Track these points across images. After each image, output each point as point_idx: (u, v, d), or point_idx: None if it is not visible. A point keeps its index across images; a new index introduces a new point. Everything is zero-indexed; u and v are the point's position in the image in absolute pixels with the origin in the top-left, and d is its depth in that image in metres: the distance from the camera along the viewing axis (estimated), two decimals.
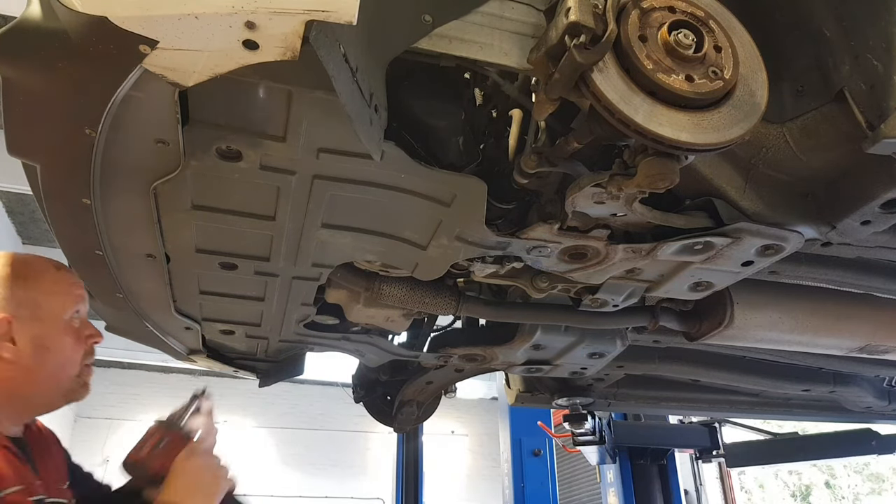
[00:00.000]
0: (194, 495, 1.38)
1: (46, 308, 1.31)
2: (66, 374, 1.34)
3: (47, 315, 1.31)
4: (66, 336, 1.33)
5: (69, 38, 0.93)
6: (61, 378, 1.33)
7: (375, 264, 1.83)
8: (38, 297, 1.30)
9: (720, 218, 1.54)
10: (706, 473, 10.36)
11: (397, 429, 3.11)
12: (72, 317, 1.35)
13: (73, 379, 1.35)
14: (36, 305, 1.29)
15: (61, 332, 1.32)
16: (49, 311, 1.31)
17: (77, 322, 1.36)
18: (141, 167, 1.30)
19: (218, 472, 1.44)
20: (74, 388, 1.36)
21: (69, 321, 1.34)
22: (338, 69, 1.01)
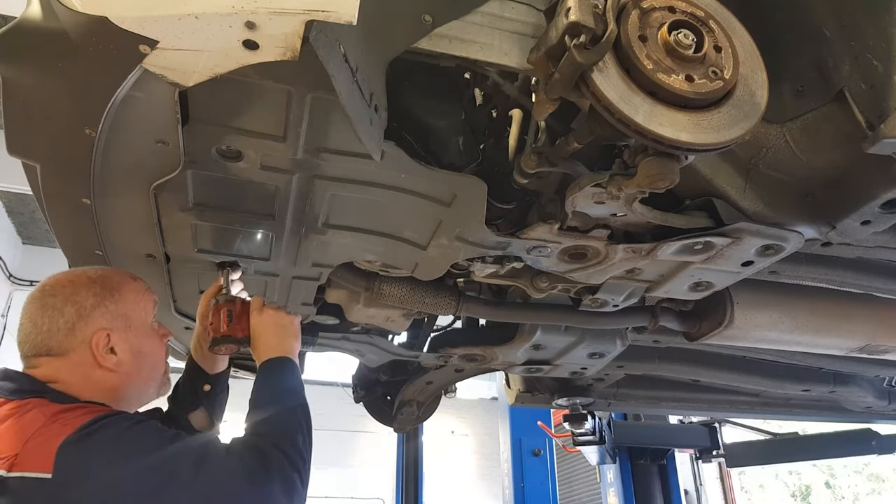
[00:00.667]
0: (283, 336, 1.58)
1: (135, 318, 1.43)
2: (157, 372, 1.49)
3: (137, 324, 1.43)
4: (153, 339, 1.48)
5: (69, 38, 0.93)
6: (154, 377, 1.49)
7: (375, 264, 1.83)
8: (127, 308, 1.42)
9: (720, 218, 1.54)
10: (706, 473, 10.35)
11: (397, 429, 3.11)
12: (153, 321, 1.49)
13: (162, 376, 1.52)
14: (126, 317, 1.41)
15: (150, 337, 1.47)
16: (138, 320, 1.44)
17: (156, 325, 1.51)
18: (141, 167, 1.30)
19: (285, 313, 1.63)
20: (164, 383, 1.53)
21: (152, 325, 1.48)
22: (338, 69, 1.01)
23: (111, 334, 1.36)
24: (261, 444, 1.28)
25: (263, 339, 1.58)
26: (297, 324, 1.64)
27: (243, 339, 1.62)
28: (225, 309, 1.65)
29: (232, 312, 1.64)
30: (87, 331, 1.35)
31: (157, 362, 1.48)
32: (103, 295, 1.39)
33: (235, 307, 1.65)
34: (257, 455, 1.24)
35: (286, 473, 1.25)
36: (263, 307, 1.64)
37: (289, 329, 1.61)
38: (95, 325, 1.35)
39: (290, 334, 1.61)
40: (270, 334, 1.58)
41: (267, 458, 1.24)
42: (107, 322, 1.37)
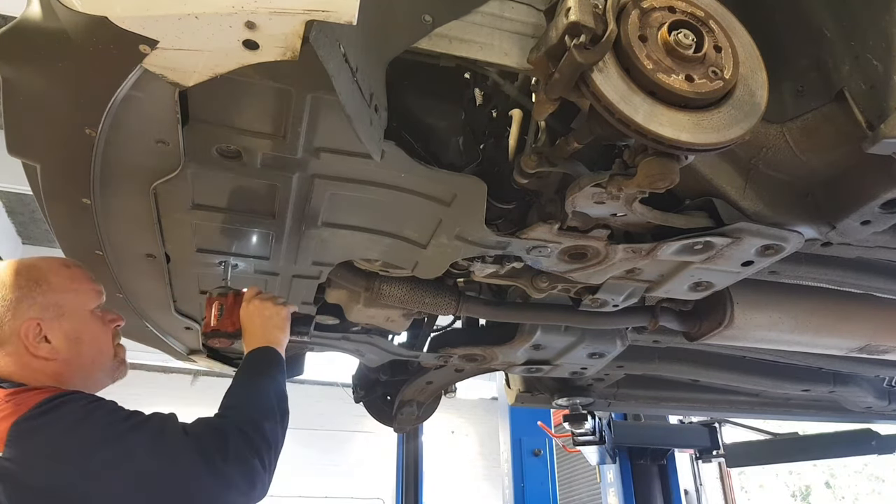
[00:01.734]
0: (267, 327, 1.58)
1: (68, 305, 1.42)
2: (105, 357, 1.48)
3: (71, 311, 1.42)
4: (94, 325, 1.46)
5: (69, 38, 0.93)
6: (101, 362, 1.48)
7: (375, 264, 1.83)
8: (57, 297, 1.41)
9: (720, 218, 1.54)
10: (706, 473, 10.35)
11: (397, 429, 3.11)
12: (94, 309, 1.47)
13: (111, 360, 1.50)
14: (58, 305, 1.41)
15: (89, 323, 1.45)
16: (72, 307, 1.43)
17: (99, 311, 1.49)
18: (141, 167, 1.30)
19: (272, 304, 1.61)
20: (116, 367, 1.52)
21: (92, 312, 1.46)
22: (338, 69, 1.01)
23: (41, 323, 1.37)
24: (222, 425, 1.27)
25: (249, 330, 1.59)
26: (283, 314, 1.62)
27: (234, 333, 1.61)
28: (217, 302, 1.65)
29: (223, 306, 1.64)
30: (16, 323, 1.37)
31: (102, 347, 1.48)
32: (28, 287, 1.40)
33: (227, 300, 1.65)
34: (216, 436, 1.23)
35: (244, 456, 1.23)
36: (253, 298, 1.63)
37: (274, 319, 1.60)
38: (23, 316, 1.37)
39: (276, 325, 1.60)
40: (256, 325, 1.59)
41: (226, 440, 1.23)
42: (35, 312, 1.38)
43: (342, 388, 10.44)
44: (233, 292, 1.67)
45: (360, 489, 12.89)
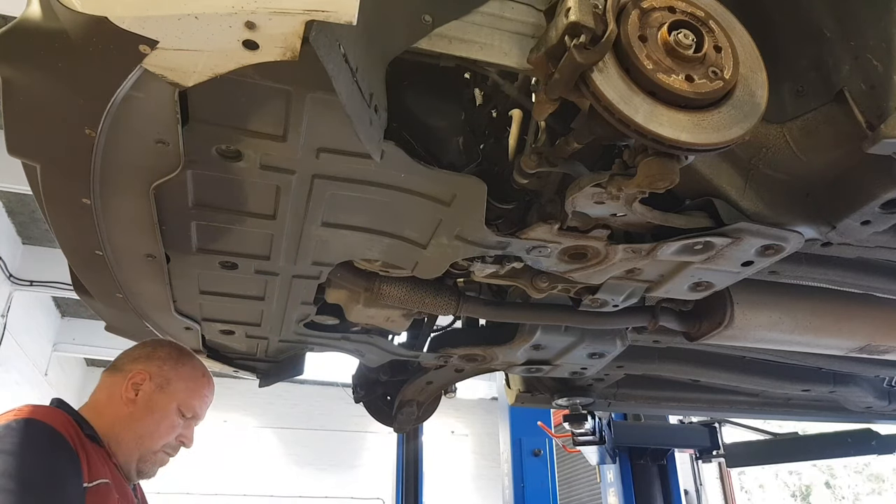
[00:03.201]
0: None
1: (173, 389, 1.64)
2: (150, 442, 1.63)
3: (170, 393, 1.64)
4: (169, 417, 1.64)
5: (69, 38, 0.93)
6: (145, 442, 1.62)
7: (375, 264, 1.83)
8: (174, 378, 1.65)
9: (720, 218, 1.54)
10: (706, 473, 10.36)
11: (397, 429, 3.11)
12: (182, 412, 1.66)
13: (150, 451, 1.63)
14: (169, 382, 1.64)
15: (168, 412, 1.64)
16: (172, 392, 1.64)
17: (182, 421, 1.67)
18: (141, 167, 1.30)
19: None
20: (147, 459, 1.64)
21: (179, 412, 1.66)
22: (338, 69, 1.01)
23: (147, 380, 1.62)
24: None
25: None
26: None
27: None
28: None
29: None
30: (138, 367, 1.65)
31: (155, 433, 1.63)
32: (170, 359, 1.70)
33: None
34: None
35: None
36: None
37: None
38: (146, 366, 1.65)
39: None
40: None
41: None
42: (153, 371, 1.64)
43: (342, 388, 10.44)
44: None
45: (360, 489, 12.90)
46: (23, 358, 10.15)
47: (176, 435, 1.68)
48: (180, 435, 1.69)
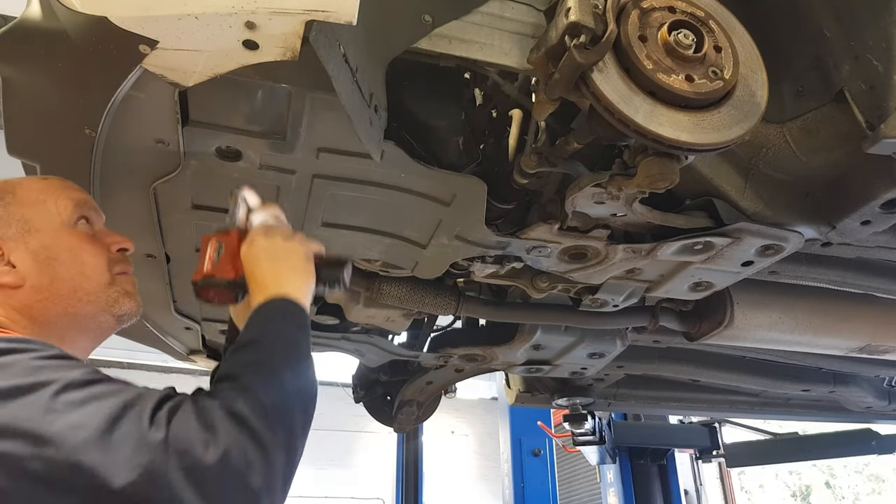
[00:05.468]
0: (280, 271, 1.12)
1: (39, 219, 1.11)
2: (93, 283, 1.12)
3: (43, 225, 1.10)
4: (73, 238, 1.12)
5: (69, 38, 0.93)
6: (88, 289, 1.12)
7: (375, 264, 1.83)
8: (24, 210, 1.10)
9: (720, 218, 1.54)
10: (706, 473, 10.35)
11: (397, 429, 3.11)
12: (76, 222, 1.14)
13: (105, 288, 1.14)
14: (24, 220, 1.10)
15: (65, 236, 1.12)
16: (44, 221, 1.11)
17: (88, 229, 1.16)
18: (141, 167, 1.30)
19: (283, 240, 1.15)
20: (115, 299, 1.15)
21: (74, 227, 1.14)
22: (338, 69, 1.01)
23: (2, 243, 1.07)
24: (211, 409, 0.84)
25: (255, 278, 1.12)
26: (301, 253, 1.15)
27: (235, 281, 1.16)
28: (215, 241, 1.21)
29: (223, 245, 1.19)
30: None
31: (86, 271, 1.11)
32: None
33: (229, 238, 1.19)
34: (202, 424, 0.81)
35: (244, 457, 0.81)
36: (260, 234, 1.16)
37: (289, 260, 1.14)
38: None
39: (292, 267, 1.13)
40: (263, 270, 1.12)
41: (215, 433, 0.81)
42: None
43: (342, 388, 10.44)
44: (237, 230, 1.21)
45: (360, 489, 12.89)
46: None
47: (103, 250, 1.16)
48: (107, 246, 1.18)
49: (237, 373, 0.92)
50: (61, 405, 0.79)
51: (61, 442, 0.76)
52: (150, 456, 0.76)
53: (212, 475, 0.78)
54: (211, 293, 1.20)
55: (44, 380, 0.82)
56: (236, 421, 0.83)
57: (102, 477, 0.74)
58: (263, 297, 1.08)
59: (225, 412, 0.84)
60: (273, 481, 0.84)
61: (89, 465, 0.75)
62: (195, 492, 0.76)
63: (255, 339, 1.00)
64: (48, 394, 0.80)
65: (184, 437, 0.79)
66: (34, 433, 0.76)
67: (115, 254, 1.18)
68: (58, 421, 0.78)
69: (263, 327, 1.04)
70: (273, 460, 0.84)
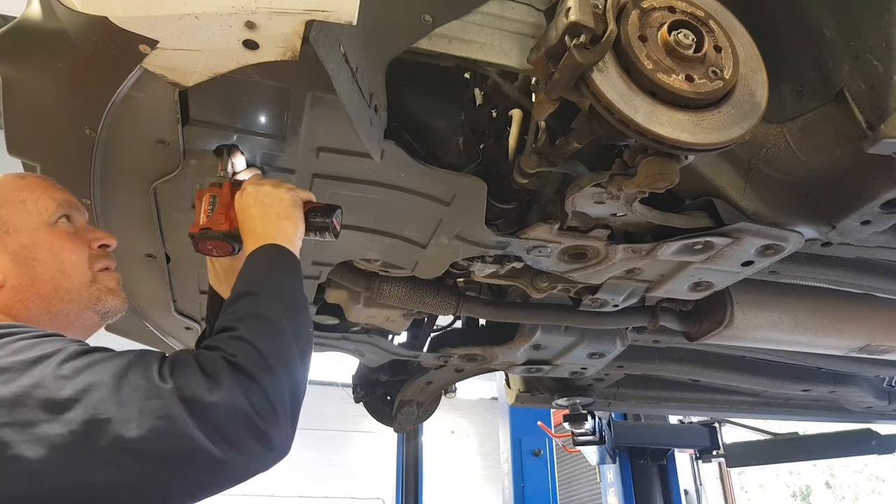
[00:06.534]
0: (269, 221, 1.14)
1: (17, 219, 1.09)
2: (74, 281, 1.11)
3: (21, 225, 1.09)
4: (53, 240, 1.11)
5: (69, 38, 0.93)
6: (69, 287, 1.11)
7: (375, 264, 1.83)
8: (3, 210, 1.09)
9: (720, 218, 1.54)
10: (706, 473, 10.35)
11: (397, 429, 3.11)
12: (56, 221, 1.12)
13: (87, 286, 1.13)
14: (2, 220, 1.08)
15: (44, 235, 1.10)
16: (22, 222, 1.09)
17: (69, 227, 1.14)
18: (141, 167, 1.30)
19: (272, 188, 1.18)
20: (97, 296, 1.14)
21: (54, 226, 1.12)
22: (338, 69, 1.01)
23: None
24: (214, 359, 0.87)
25: (247, 227, 1.16)
26: (288, 200, 1.17)
27: (230, 233, 1.20)
28: (208, 195, 1.24)
29: (216, 198, 1.23)
30: None
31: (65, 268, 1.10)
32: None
33: (222, 191, 1.23)
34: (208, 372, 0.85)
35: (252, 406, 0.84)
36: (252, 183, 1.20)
37: (276, 207, 1.16)
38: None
39: (279, 215, 1.15)
40: (253, 218, 1.15)
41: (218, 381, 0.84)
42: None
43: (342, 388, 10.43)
44: (230, 181, 1.25)
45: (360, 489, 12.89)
46: None
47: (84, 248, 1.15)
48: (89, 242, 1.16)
49: (233, 325, 0.95)
50: (68, 370, 0.82)
51: (75, 404, 0.79)
52: (161, 403, 0.79)
53: (221, 417, 0.81)
54: (209, 245, 1.23)
55: (47, 352, 0.85)
56: (237, 369, 0.86)
57: (119, 430, 0.77)
58: (254, 245, 1.11)
59: (225, 362, 0.86)
60: (278, 422, 0.87)
61: (106, 421, 0.77)
62: (208, 434, 0.79)
63: (248, 289, 1.03)
64: (54, 363, 0.83)
65: (190, 385, 0.82)
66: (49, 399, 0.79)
67: (96, 250, 1.16)
68: (68, 386, 0.80)
69: (255, 277, 1.06)
70: (275, 402, 0.87)
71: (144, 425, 0.78)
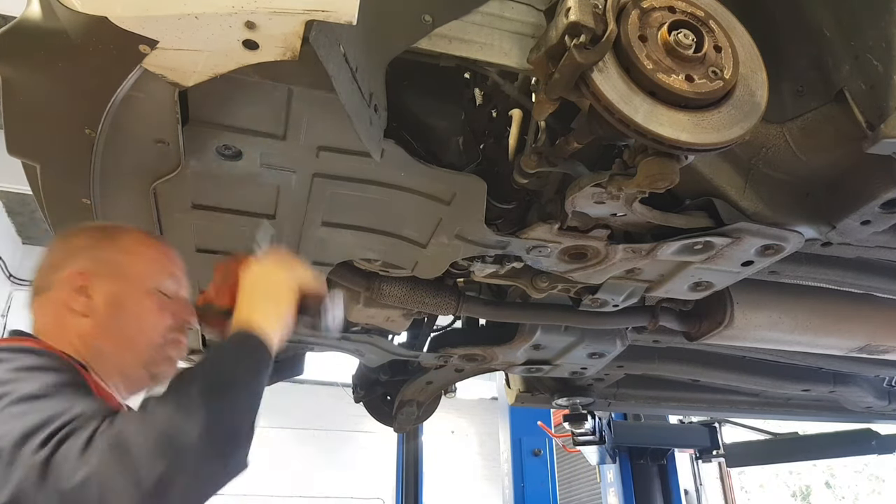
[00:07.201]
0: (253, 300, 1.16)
1: (129, 270, 1.23)
2: (146, 339, 1.22)
3: (129, 276, 1.22)
4: (148, 301, 1.23)
5: (69, 38, 0.93)
6: (140, 344, 1.22)
7: (375, 264, 1.83)
8: (121, 257, 1.23)
9: (720, 218, 1.54)
10: (706, 473, 10.35)
11: (397, 429, 3.11)
12: (158, 287, 1.25)
13: (154, 348, 1.23)
14: (117, 265, 1.22)
15: (142, 296, 1.23)
16: (131, 274, 1.23)
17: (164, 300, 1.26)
18: (141, 167, 1.30)
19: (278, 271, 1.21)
20: (156, 360, 1.24)
21: (153, 290, 1.24)
22: (338, 69, 1.01)
23: (90, 276, 1.19)
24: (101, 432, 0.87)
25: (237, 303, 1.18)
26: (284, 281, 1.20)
27: (229, 311, 1.19)
28: (223, 267, 1.26)
29: (230, 272, 1.24)
30: (68, 268, 1.20)
31: (145, 326, 1.21)
32: (98, 238, 1.25)
33: (230, 265, 1.24)
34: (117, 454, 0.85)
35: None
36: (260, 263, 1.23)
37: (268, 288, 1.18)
38: (77, 264, 1.20)
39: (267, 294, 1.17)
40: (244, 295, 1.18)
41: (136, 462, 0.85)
42: (91, 265, 1.20)
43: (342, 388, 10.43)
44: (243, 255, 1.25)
45: (360, 489, 12.89)
46: None
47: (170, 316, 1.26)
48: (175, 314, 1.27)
49: (154, 401, 0.97)
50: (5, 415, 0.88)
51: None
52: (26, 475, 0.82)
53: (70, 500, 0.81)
54: (209, 319, 1.27)
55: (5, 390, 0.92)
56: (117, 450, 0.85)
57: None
58: (234, 324, 1.13)
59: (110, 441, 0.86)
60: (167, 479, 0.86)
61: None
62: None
63: (193, 370, 1.04)
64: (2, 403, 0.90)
65: (61, 461, 0.83)
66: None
67: (177, 322, 1.28)
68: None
69: (208, 359, 1.09)
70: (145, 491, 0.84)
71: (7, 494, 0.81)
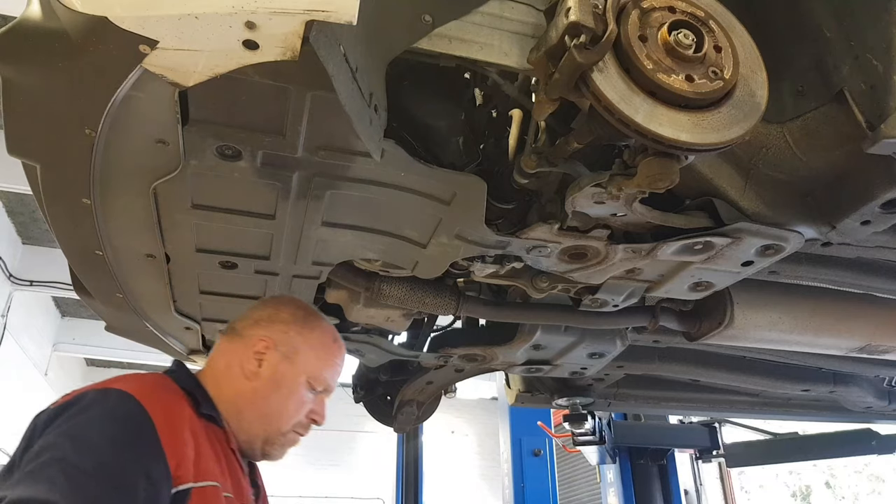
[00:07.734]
0: None
1: (303, 360, 1.40)
2: (277, 422, 1.39)
3: (298, 364, 1.39)
4: (298, 393, 1.40)
5: (69, 38, 0.93)
6: (272, 422, 1.38)
7: (375, 264, 1.83)
8: (302, 346, 1.40)
9: (720, 218, 1.54)
10: (706, 473, 10.35)
11: (397, 429, 3.11)
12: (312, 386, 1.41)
13: (278, 434, 1.40)
14: (296, 351, 1.40)
15: (296, 386, 1.40)
16: (301, 363, 1.40)
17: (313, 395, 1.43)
18: (141, 167, 1.30)
19: None
20: (274, 443, 1.40)
21: (308, 386, 1.41)
22: (338, 69, 1.01)
23: (272, 348, 1.37)
24: None
25: None
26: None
27: None
28: None
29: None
30: (262, 331, 1.40)
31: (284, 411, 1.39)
32: (296, 319, 1.45)
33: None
34: None
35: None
36: None
37: None
38: (269, 332, 1.40)
39: None
40: None
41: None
42: (277, 337, 1.39)
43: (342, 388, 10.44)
44: None
45: (360, 489, 12.90)
46: (23, 358, 10.15)
47: (306, 412, 1.42)
48: (311, 411, 1.43)
49: None
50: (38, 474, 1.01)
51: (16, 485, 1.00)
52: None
53: None
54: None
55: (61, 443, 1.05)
56: None
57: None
58: None
59: None
60: None
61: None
62: None
63: None
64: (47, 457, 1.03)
65: None
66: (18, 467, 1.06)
67: (307, 419, 1.44)
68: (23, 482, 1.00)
69: None
70: None
71: None
